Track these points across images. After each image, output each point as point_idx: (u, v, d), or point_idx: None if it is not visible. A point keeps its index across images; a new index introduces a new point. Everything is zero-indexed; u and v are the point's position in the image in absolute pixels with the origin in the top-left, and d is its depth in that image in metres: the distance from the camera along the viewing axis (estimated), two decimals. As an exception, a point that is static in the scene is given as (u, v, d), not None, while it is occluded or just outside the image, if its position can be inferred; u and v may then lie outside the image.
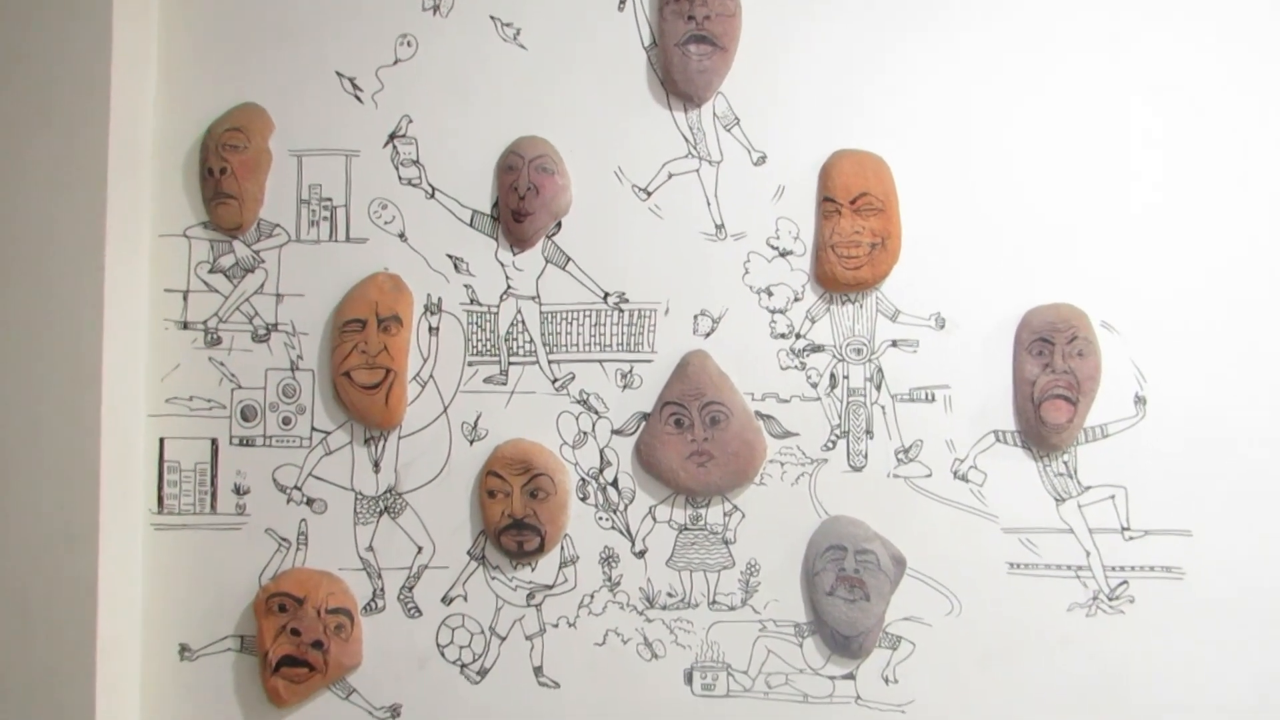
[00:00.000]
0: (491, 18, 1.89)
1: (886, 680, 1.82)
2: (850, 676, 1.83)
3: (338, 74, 1.91)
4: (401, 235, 1.91)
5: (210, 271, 1.93)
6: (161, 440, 1.92)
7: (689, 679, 1.86)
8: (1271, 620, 1.76)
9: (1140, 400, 1.79)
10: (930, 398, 1.83)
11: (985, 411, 1.81)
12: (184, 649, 1.92)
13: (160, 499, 1.92)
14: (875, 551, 1.79)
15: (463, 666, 1.89)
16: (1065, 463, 1.80)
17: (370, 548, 1.90)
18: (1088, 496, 1.79)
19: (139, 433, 1.90)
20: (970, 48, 1.83)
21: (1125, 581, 1.78)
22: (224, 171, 1.88)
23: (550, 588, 1.88)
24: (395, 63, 1.91)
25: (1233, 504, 1.77)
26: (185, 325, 1.93)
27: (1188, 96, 1.81)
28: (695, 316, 1.87)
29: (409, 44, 1.90)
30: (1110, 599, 1.78)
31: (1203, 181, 1.80)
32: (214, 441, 1.92)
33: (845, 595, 1.79)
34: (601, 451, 1.88)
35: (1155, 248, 1.80)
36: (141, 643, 1.91)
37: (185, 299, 1.93)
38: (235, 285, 1.92)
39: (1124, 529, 1.78)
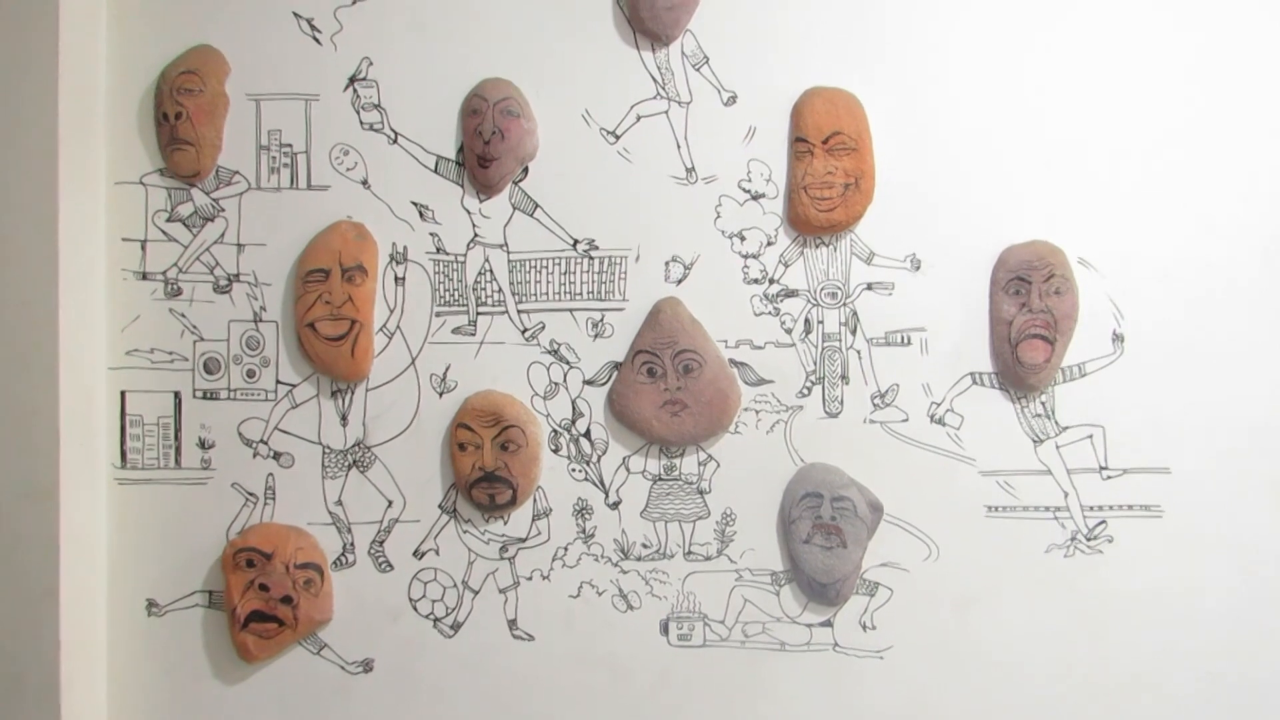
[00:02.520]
0: (454, -46, 1.85)
1: (864, 627, 1.80)
2: (828, 624, 1.81)
3: (295, 14, 1.86)
4: (364, 182, 1.86)
5: (168, 220, 1.88)
6: (123, 393, 1.88)
7: (665, 630, 1.84)
8: (1249, 556, 1.75)
9: (1118, 338, 1.76)
10: (906, 341, 1.80)
11: (962, 354, 1.79)
12: (151, 604, 1.88)
13: (123, 453, 1.88)
14: (852, 498, 1.76)
15: (436, 620, 1.86)
16: (1043, 403, 1.77)
17: (339, 502, 1.87)
18: (1066, 437, 1.77)
19: (99, 386, 1.86)
20: (944, -20, 1.80)
21: (1104, 521, 1.77)
22: (179, 116, 1.83)
23: (523, 540, 1.85)
24: (354, 2, 1.85)
25: (1211, 440, 1.76)
26: (144, 276, 1.88)
27: (1162, 29, 1.78)
28: (667, 263, 1.83)
29: (368, -18, 1.85)
30: (1089, 539, 1.77)
31: (1178, 116, 1.77)
32: (177, 394, 1.88)
33: (822, 543, 1.77)
34: (573, 402, 1.85)
35: (1132, 184, 1.77)
36: (107, 599, 1.87)
37: (144, 248, 1.88)
38: (195, 234, 1.88)
39: (1102, 468, 1.77)
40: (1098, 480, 1.77)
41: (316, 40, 1.86)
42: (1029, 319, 1.73)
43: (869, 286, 1.80)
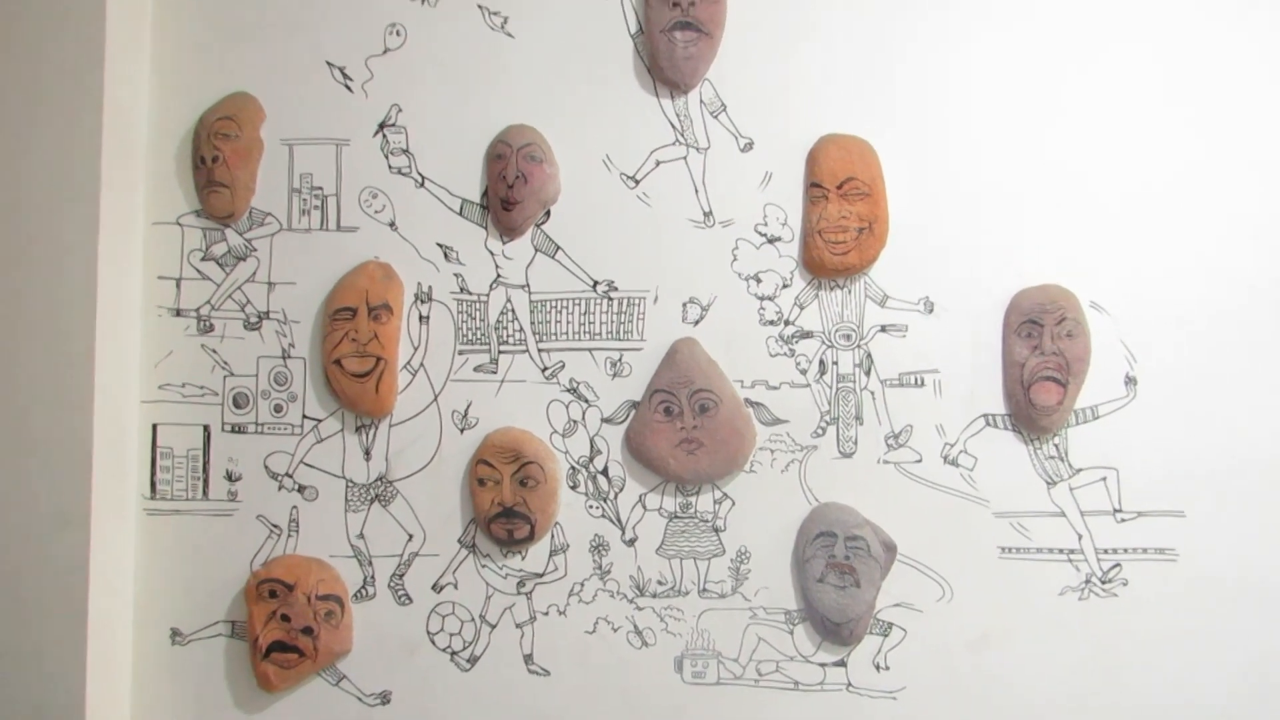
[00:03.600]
0: (479, 6, 1.91)
1: (878, 667, 1.81)
2: (841, 664, 1.82)
3: (328, 63, 1.93)
4: (392, 224, 1.92)
5: (203, 259, 1.95)
6: (154, 426, 1.94)
7: (679, 667, 1.85)
8: (1265, 600, 1.74)
9: (1131, 381, 1.78)
10: (919, 382, 1.82)
11: (975, 395, 1.81)
12: (175, 633, 1.92)
13: (153, 485, 1.93)
14: (865, 538, 1.78)
15: (453, 654, 1.89)
16: (1056, 445, 1.79)
17: (361, 535, 1.91)
18: (1079, 479, 1.78)
19: (132, 419, 1.92)
20: (955, 32, 1.84)
21: (1118, 564, 1.77)
22: (216, 160, 1.90)
23: (540, 576, 1.88)
24: (385, 52, 1.93)
25: (1225, 484, 1.76)
26: (178, 312, 1.95)
27: (1173, 78, 1.81)
28: (684, 304, 1.87)
29: (398, 33, 1.92)
30: (1103, 582, 1.77)
31: (1190, 161, 1.80)
32: (206, 428, 1.93)
33: (835, 582, 1.78)
34: (591, 440, 1.88)
35: (1143, 228, 1.79)
36: (133, 627, 1.91)
37: (178, 286, 1.95)
38: (227, 273, 1.94)
39: (1116, 511, 1.77)
40: (1112, 523, 1.77)
41: (348, 88, 1.93)
42: (1041, 361, 1.75)
43: (883, 328, 1.83)
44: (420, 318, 1.91)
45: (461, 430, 1.90)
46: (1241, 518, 1.75)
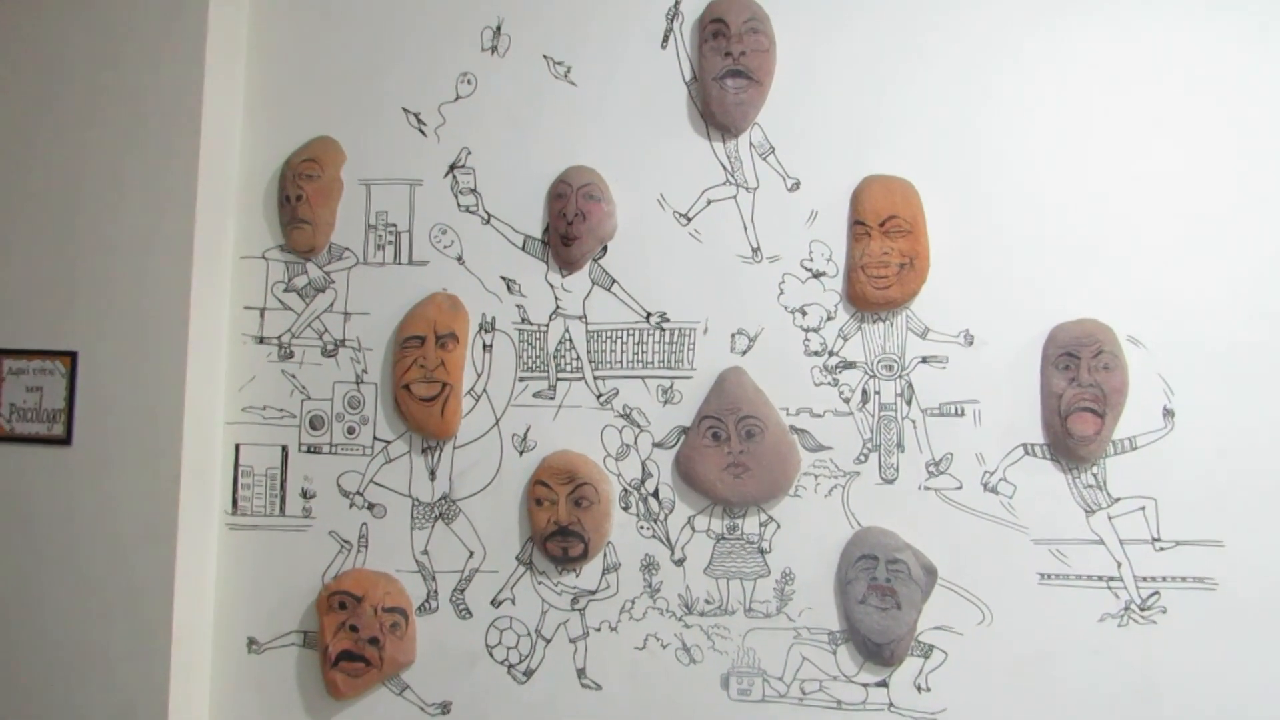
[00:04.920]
0: (545, 57, 2.04)
1: (919, 688, 1.86)
2: (883, 684, 1.87)
3: (404, 110, 2.08)
4: (459, 258, 2.05)
5: (285, 290, 2.09)
6: (237, 446, 2.08)
7: (725, 684, 1.92)
8: (1304, 631, 1.76)
9: (1168, 413, 1.82)
10: (960, 412, 1.88)
11: (1014, 425, 1.86)
12: (252, 642, 2.04)
13: (235, 501, 2.07)
14: (906, 561, 1.83)
15: (510, 667, 1.98)
16: (1094, 475, 1.83)
17: (425, 551, 2.01)
18: (1118, 508, 1.82)
19: (217, 439, 2.06)
20: (991, 74, 1.92)
21: (1157, 592, 1.80)
22: (300, 198, 2.05)
23: (593, 593, 1.96)
24: (456, 99, 2.07)
25: (1264, 514, 1.78)
26: (261, 340, 2.09)
27: (1208, 115, 1.86)
28: (733, 335, 1.96)
29: (469, 82, 2.06)
30: (1142, 609, 1.80)
31: (1225, 196, 1.84)
32: (284, 448, 2.07)
33: (877, 604, 1.84)
34: (643, 463, 1.97)
35: (1179, 264, 1.84)
36: (213, 635, 2.05)
37: (262, 316, 2.09)
38: (307, 304, 2.08)
39: (1155, 540, 1.81)
40: (1150, 551, 1.81)
41: (422, 132, 2.08)
42: (1078, 393, 1.81)
43: (924, 360, 1.90)
44: (484, 346, 2.03)
45: (520, 453, 2.00)
46: (1280, 548, 1.78)
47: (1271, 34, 1.85)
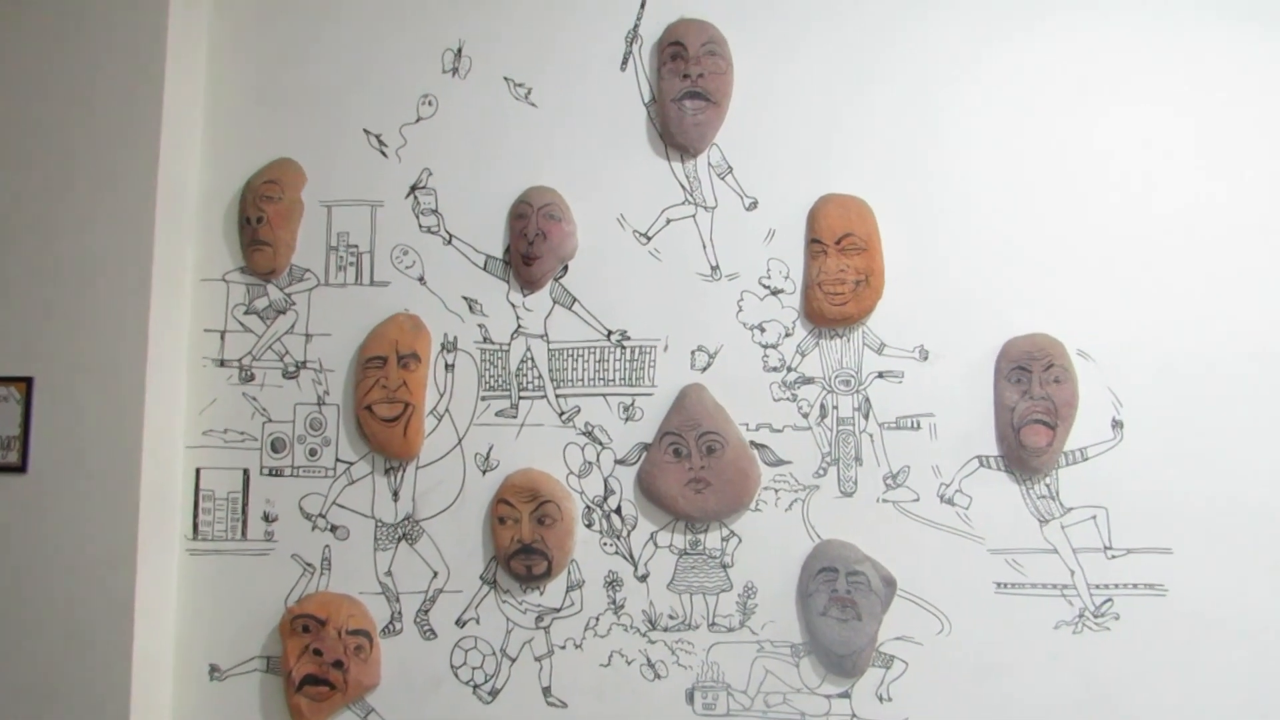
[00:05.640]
0: (505, 79, 2.07)
1: (881, 699, 1.88)
2: (845, 695, 1.89)
3: (365, 131, 2.09)
4: (421, 279, 2.06)
5: (246, 313, 2.09)
6: (198, 470, 2.06)
7: (690, 698, 1.93)
8: (1253, 633, 1.81)
9: (1117, 424, 1.87)
10: (916, 426, 1.92)
11: (969, 438, 1.91)
12: (214, 669, 2.02)
13: (195, 525, 2.05)
14: (866, 573, 1.86)
15: (475, 687, 1.97)
16: (1047, 485, 1.87)
17: (389, 572, 2.01)
18: (1070, 517, 1.87)
19: (177, 463, 2.05)
20: (943, 96, 1.97)
21: (1110, 599, 1.84)
22: (260, 220, 2.05)
23: (558, 610, 1.97)
24: (417, 120, 2.08)
25: (1210, 521, 1.84)
26: (222, 363, 2.08)
27: (1157, 134, 1.92)
28: (692, 352, 1.98)
29: (430, 103, 2.08)
30: (1096, 616, 1.84)
31: (1171, 215, 1.90)
32: (246, 471, 2.05)
33: (838, 615, 1.86)
34: (605, 480, 1.99)
35: (1127, 281, 1.90)
36: (174, 663, 2.02)
37: (223, 338, 2.09)
38: (268, 325, 2.08)
39: (1106, 548, 1.85)
40: (1102, 559, 1.85)
41: (383, 153, 2.09)
42: (1030, 405, 1.85)
43: (880, 375, 1.94)
44: (446, 366, 2.04)
45: (484, 472, 2.01)
46: (1227, 555, 1.82)
47: (1211, 51, 1.92)
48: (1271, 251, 1.88)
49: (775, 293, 1.98)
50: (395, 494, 2.03)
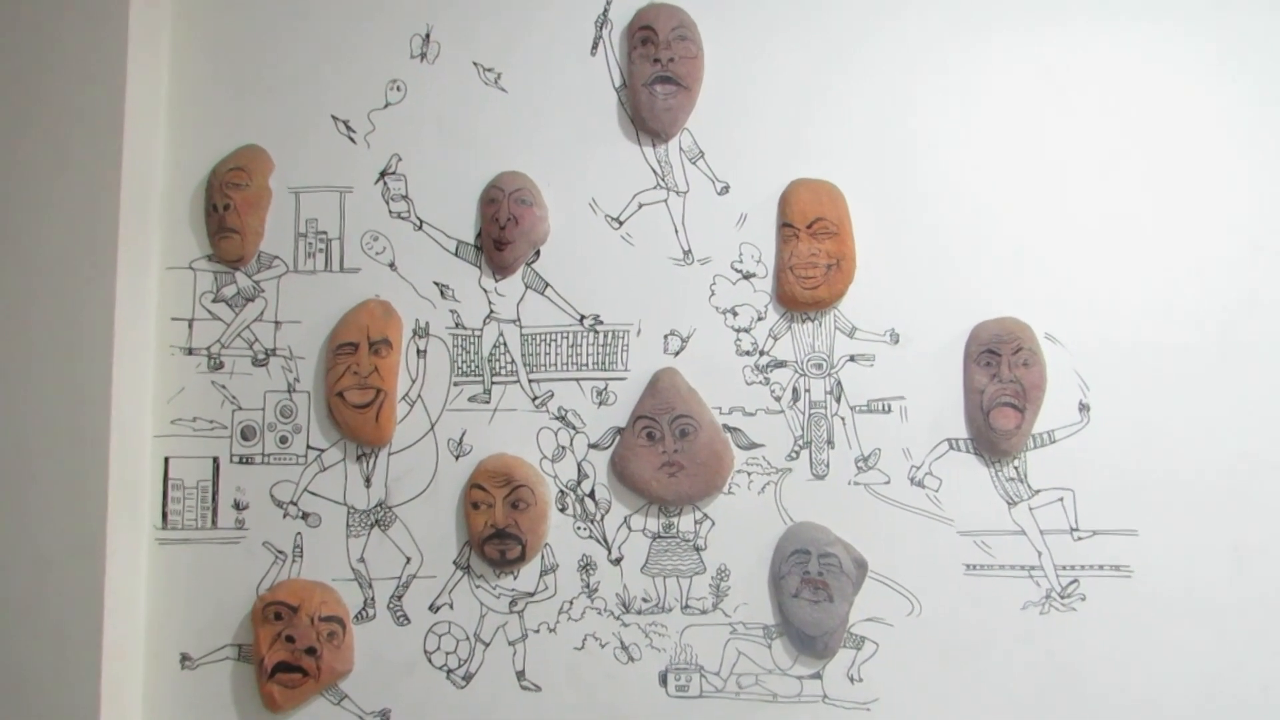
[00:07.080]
0: (474, 64, 2.05)
1: (852, 679, 1.90)
2: (817, 676, 1.91)
3: (333, 117, 2.07)
4: (392, 265, 2.04)
5: (214, 301, 2.07)
6: (166, 459, 2.04)
7: (664, 681, 1.94)
8: (1214, 613, 1.84)
9: (1084, 407, 1.89)
10: (887, 409, 1.94)
11: (939, 421, 1.92)
12: (185, 658, 2.02)
13: (164, 515, 2.04)
14: (837, 555, 1.88)
15: (449, 672, 1.98)
16: (1016, 468, 1.90)
17: (362, 559, 2.01)
18: (1038, 499, 1.89)
19: (145, 452, 2.03)
20: (915, 81, 1.97)
21: (1076, 580, 1.87)
22: (227, 208, 2.03)
23: (531, 595, 1.98)
24: (386, 106, 2.07)
25: (1175, 504, 1.86)
26: (190, 351, 2.06)
27: (1123, 121, 1.94)
28: (665, 336, 1.99)
29: (399, 89, 2.06)
30: (1062, 597, 1.87)
31: (1139, 200, 1.92)
32: (215, 460, 2.04)
33: (810, 597, 1.88)
34: (579, 464, 1.99)
35: (1095, 264, 1.91)
36: (144, 653, 2.01)
37: (190, 327, 2.07)
38: (237, 313, 2.06)
39: (1073, 530, 1.88)
40: (1069, 541, 1.87)
41: (351, 139, 2.07)
42: (999, 388, 1.87)
43: (851, 358, 1.95)
44: (418, 352, 2.03)
45: (457, 457, 2.00)
46: (1191, 536, 1.85)
47: (1181, 43, 1.94)
48: (1234, 240, 1.90)
49: (747, 277, 1.98)
50: (367, 480, 2.02)
